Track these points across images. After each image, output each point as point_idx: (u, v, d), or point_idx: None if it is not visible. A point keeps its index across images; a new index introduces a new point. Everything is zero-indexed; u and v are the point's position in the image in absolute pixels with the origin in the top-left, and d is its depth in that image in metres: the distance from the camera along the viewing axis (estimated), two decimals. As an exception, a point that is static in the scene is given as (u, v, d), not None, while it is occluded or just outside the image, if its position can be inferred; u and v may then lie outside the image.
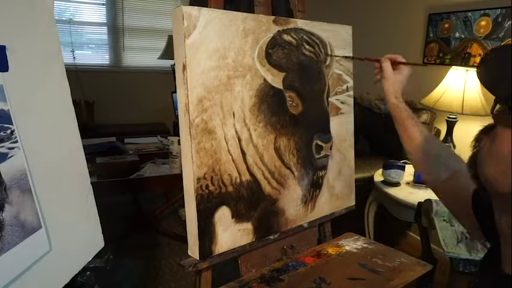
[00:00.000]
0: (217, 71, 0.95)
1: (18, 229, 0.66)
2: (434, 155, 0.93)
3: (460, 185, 0.77)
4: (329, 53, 1.22)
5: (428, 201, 1.56)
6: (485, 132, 0.57)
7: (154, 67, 4.13)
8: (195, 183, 0.92)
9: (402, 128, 0.97)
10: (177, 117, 1.70)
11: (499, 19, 2.24)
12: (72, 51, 3.81)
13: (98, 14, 3.97)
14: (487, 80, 0.57)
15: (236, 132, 1.00)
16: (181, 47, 0.89)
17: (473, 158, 0.57)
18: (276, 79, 1.07)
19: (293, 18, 1.23)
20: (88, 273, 0.92)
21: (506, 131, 0.51)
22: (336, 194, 1.30)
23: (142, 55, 4.21)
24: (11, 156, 0.66)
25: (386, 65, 1.05)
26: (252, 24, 1.02)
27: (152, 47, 4.08)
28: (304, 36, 1.15)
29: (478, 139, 0.58)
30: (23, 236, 0.67)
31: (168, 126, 4.02)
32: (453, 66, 2.30)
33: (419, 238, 1.85)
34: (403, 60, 1.05)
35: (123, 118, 3.97)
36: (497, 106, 0.55)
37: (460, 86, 2.14)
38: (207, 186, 0.95)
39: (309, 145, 1.17)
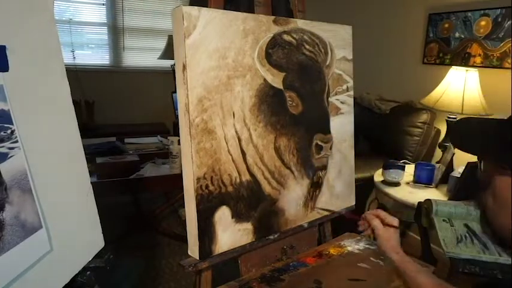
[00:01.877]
0: (217, 71, 0.95)
1: (18, 229, 0.66)
2: None
3: None
4: (329, 52, 1.22)
5: (429, 201, 1.56)
6: (480, 186, 0.65)
7: (154, 67, 4.13)
8: (195, 183, 0.92)
9: (415, 284, 0.90)
10: (177, 117, 1.70)
11: (499, 19, 2.24)
12: (72, 51, 3.82)
13: (98, 14, 3.98)
14: (460, 145, 0.70)
15: (236, 132, 1.00)
16: (181, 47, 0.89)
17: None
18: (276, 79, 1.07)
19: (293, 18, 1.23)
20: (88, 273, 0.92)
21: (501, 179, 0.57)
22: (336, 194, 1.30)
23: (142, 55, 4.21)
24: (11, 156, 0.66)
25: (376, 223, 1.02)
26: (252, 24, 1.02)
27: (152, 47, 4.08)
28: (304, 36, 1.15)
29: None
30: (23, 236, 0.67)
31: (168, 126, 4.02)
32: (453, 66, 2.30)
33: (419, 238, 1.85)
34: (390, 218, 1.02)
35: (123, 118, 3.97)
36: (482, 163, 0.63)
37: (460, 86, 2.14)
38: (207, 186, 0.95)
39: (309, 145, 1.17)
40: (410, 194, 1.89)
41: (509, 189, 0.55)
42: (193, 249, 0.96)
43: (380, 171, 2.09)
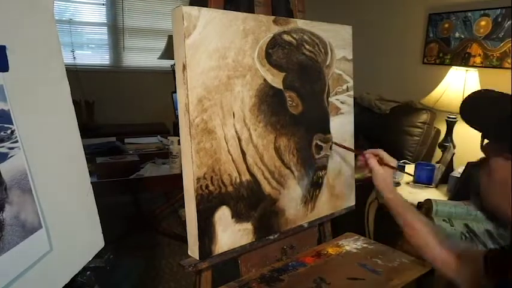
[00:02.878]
0: (217, 71, 0.95)
1: (18, 229, 0.66)
2: (439, 234, 0.94)
3: (469, 261, 0.81)
4: (329, 52, 1.22)
5: (429, 201, 1.56)
6: (480, 165, 0.64)
7: (154, 67, 4.13)
8: (195, 183, 0.92)
9: (402, 220, 1.00)
10: (177, 117, 1.70)
11: (499, 19, 2.24)
12: (72, 51, 3.82)
13: (98, 14, 3.98)
14: (471, 120, 0.65)
15: (236, 132, 1.00)
16: (181, 47, 0.89)
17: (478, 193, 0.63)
18: (276, 79, 1.07)
19: (293, 18, 1.23)
20: (88, 273, 0.92)
21: (498, 160, 0.58)
22: (336, 194, 1.30)
23: (142, 55, 4.21)
24: (11, 156, 0.66)
25: (373, 162, 1.06)
26: (252, 24, 1.02)
27: (152, 47, 4.08)
28: (304, 36, 1.15)
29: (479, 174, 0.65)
30: (23, 236, 0.67)
31: (168, 126, 4.02)
32: (453, 66, 2.30)
33: (419, 238, 1.84)
34: (390, 159, 1.06)
35: (123, 118, 3.97)
36: (485, 140, 0.63)
37: (460, 86, 2.14)
38: (207, 186, 0.95)
39: (309, 145, 1.17)
40: (410, 194, 1.89)
41: (503, 171, 0.57)
42: (193, 249, 0.96)
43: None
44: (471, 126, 0.63)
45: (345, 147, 1.23)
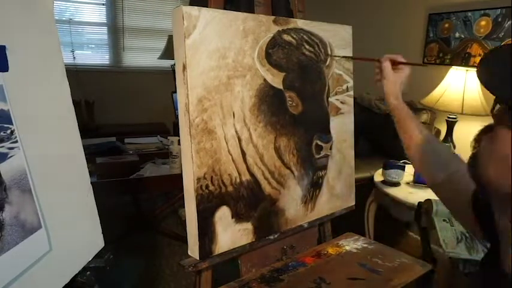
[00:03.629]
0: (217, 71, 0.95)
1: (18, 229, 0.66)
2: (434, 155, 0.93)
3: (459, 186, 0.77)
4: (329, 53, 1.22)
5: (429, 201, 1.56)
6: (485, 132, 0.56)
7: (154, 67, 4.13)
8: (195, 183, 0.92)
9: (402, 129, 0.99)
10: (177, 117, 1.70)
11: (499, 19, 2.24)
12: (72, 51, 3.81)
13: (97, 14, 3.97)
14: (487, 80, 0.56)
15: (236, 132, 1.00)
16: (181, 47, 0.89)
17: (474, 159, 0.57)
18: (275, 79, 1.07)
19: (293, 18, 1.23)
20: (88, 273, 0.92)
21: (506, 131, 0.51)
22: (336, 194, 1.30)
23: (142, 55, 4.21)
24: (11, 156, 0.66)
25: (387, 65, 1.05)
26: (252, 24, 1.02)
27: (152, 47, 4.08)
28: (304, 36, 1.15)
29: (478, 139, 0.57)
30: (23, 236, 0.67)
31: (168, 126, 4.02)
32: (453, 66, 2.30)
33: (419, 238, 1.84)
34: (403, 60, 1.06)
35: (123, 118, 3.97)
36: (497, 106, 0.54)
37: (460, 86, 2.14)
38: (207, 186, 0.95)
39: (309, 145, 1.17)
40: (410, 194, 1.89)
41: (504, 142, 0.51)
42: (193, 249, 0.96)
43: (380, 171, 2.08)
44: (485, 87, 0.55)
45: (363, 60, 1.18)
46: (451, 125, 2.18)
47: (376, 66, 1.09)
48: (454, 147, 2.16)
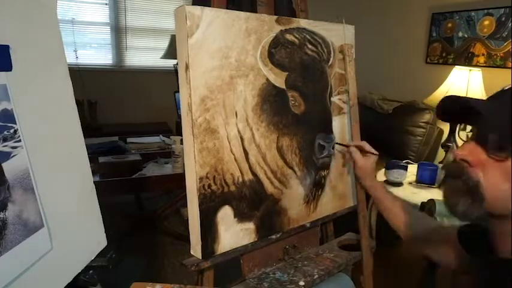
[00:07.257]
0: (220, 71, 0.95)
1: (20, 228, 0.66)
2: (413, 223, 1.04)
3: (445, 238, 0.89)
4: (331, 52, 1.22)
5: (431, 201, 1.56)
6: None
7: (157, 67, 4.14)
8: (198, 183, 0.92)
9: (382, 207, 1.11)
10: (179, 116, 1.70)
11: (503, 18, 2.24)
12: (75, 51, 3.83)
13: (100, 13, 3.99)
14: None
15: (239, 131, 1.00)
16: (184, 47, 0.89)
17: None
18: (278, 79, 1.07)
19: (296, 17, 1.22)
20: (91, 271, 0.92)
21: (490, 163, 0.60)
22: (339, 194, 1.30)
23: (145, 55, 4.22)
24: (14, 155, 0.66)
25: (354, 151, 1.16)
26: (254, 23, 1.02)
27: (155, 47, 4.09)
28: (307, 36, 1.15)
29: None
30: (25, 234, 0.67)
31: (170, 125, 4.03)
32: (456, 66, 2.29)
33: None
34: (370, 148, 1.17)
35: (126, 118, 3.98)
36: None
37: (463, 86, 2.13)
38: (209, 186, 0.95)
39: (311, 145, 1.17)
40: (413, 194, 1.89)
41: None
42: (195, 249, 0.97)
43: (382, 171, 2.08)
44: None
45: (341, 144, 1.25)
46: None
47: (346, 152, 1.20)
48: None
